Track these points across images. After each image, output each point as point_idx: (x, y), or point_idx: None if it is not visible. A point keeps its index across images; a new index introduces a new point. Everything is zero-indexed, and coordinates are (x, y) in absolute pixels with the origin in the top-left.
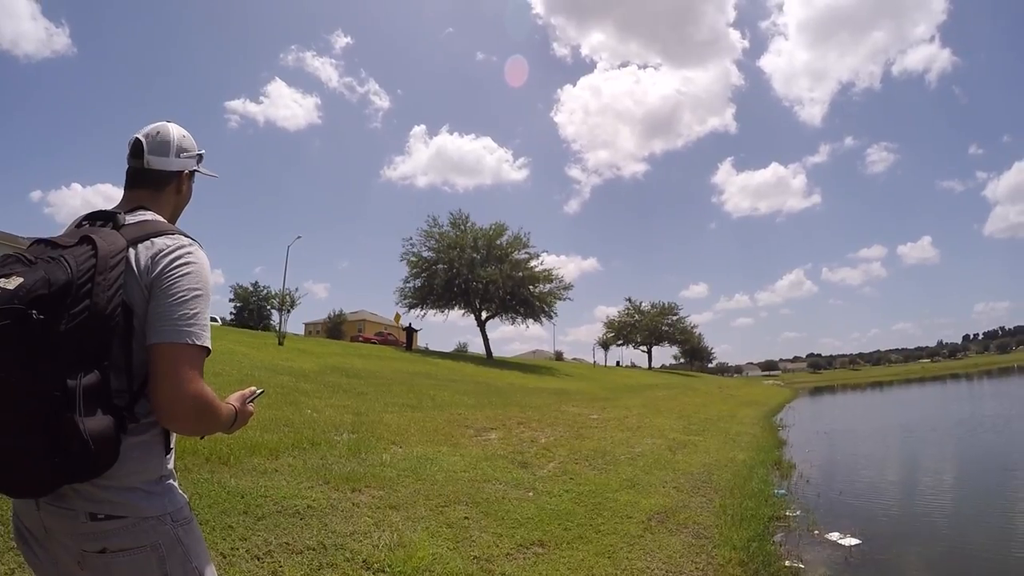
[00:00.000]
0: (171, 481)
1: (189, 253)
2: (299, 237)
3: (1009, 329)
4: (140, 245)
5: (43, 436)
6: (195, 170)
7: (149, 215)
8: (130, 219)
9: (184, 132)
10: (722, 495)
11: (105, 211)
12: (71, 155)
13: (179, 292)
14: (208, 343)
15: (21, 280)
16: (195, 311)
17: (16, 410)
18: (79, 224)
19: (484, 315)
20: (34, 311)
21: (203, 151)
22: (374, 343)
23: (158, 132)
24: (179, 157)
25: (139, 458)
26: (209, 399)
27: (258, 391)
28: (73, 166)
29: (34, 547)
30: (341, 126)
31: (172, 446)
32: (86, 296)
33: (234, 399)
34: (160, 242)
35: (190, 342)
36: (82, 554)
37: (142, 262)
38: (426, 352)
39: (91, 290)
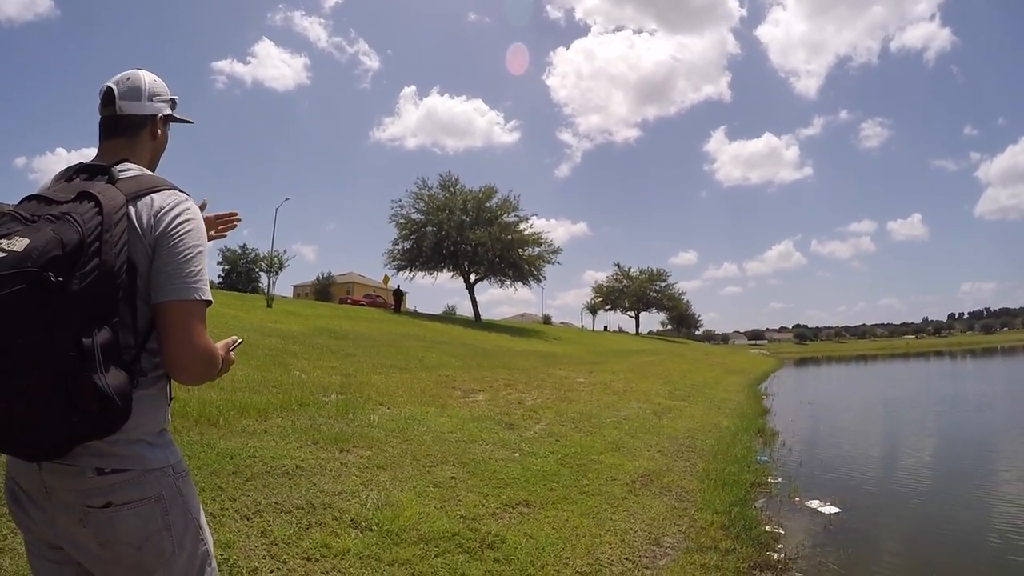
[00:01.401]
0: (169, 434)
1: (188, 210)
2: (287, 199)
3: (994, 310)
4: (139, 202)
5: (61, 397)
6: (170, 115)
7: (136, 169)
8: (123, 173)
9: (155, 77)
10: (705, 460)
11: (96, 164)
12: (55, 120)
13: (184, 250)
14: (210, 296)
15: (27, 240)
16: (199, 267)
17: (35, 374)
18: (69, 178)
19: (473, 278)
20: (51, 273)
21: (176, 96)
22: (362, 305)
23: (128, 78)
24: (152, 101)
25: (146, 411)
26: (215, 350)
27: (238, 340)
28: (58, 131)
29: (29, 509)
30: (330, 87)
31: (171, 397)
32: (95, 255)
33: (219, 347)
34: (160, 199)
35: (197, 298)
36: (85, 511)
37: (144, 220)
38: (414, 314)
39: (99, 248)
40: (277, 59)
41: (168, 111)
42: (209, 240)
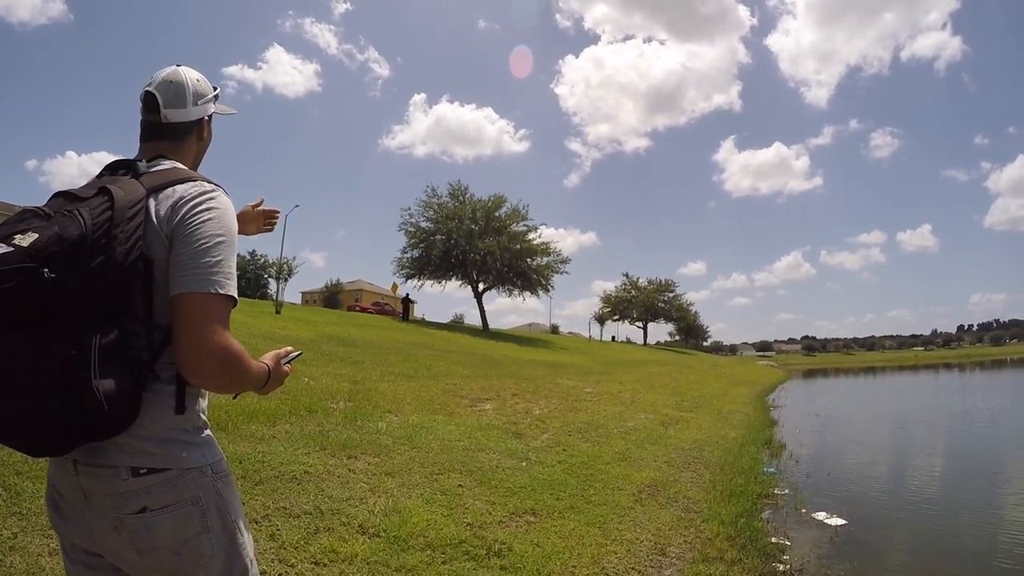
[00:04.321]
0: (209, 432)
1: (212, 198)
2: (297, 206)
3: (1004, 322)
4: (160, 194)
5: (60, 396)
6: (213, 112)
7: (168, 163)
8: (150, 168)
9: (198, 75)
10: (712, 471)
11: (126, 160)
12: (66, 123)
13: (201, 239)
14: (234, 292)
15: (36, 236)
16: (219, 258)
17: (32, 371)
18: (101, 175)
19: (481, 287)
20: (46, 269)
21: (218, 89)
22: (371, 313)
23: (171, 81)
24: (197, 105)
25: (174, 407)
26: (236, 352)
27: (295, 352)
28: (68, 134)
29: (67, 515)
30: (340, 94)
31: (204, 395)
32: (102, 251)
33: (268, 358)
34: (181, 189)
35: (214, 291)
36: (120, 517)
37: (162, 211)
38: (422, 322)
39: (107, 244)
40: (288, 65)
41: (213, 109)
42: (255, 234)
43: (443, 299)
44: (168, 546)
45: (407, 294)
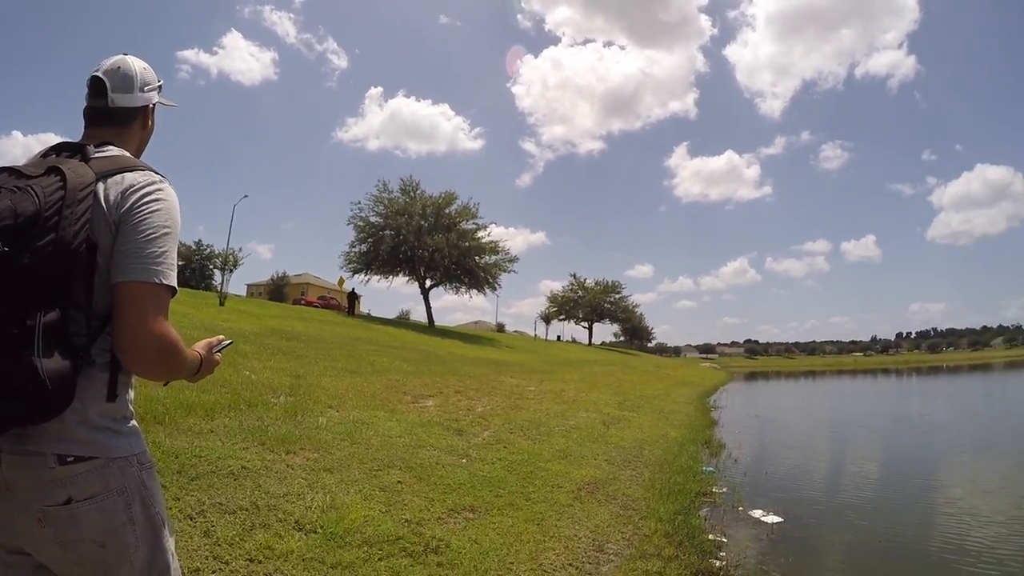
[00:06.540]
0: (135, 423)
1: (159, 190)
2: (246, 196)
3: (941, 331)
4: (109, 180)
5: None
6: (157, 102)
7: (116, 150)
8: (98, 153)
9: (144, 64)
10: (652, 469)
11: (73, 143)
12: (11, 103)
13: (148, 229)
14: (175, 283)
15: None
16: (164, 249)
17: None
18: (45, 155)
19: (428, 283)
20: None
21: (162, 81)
22: (316, 307)
23: (119, 68)
24: (143, 92)
25: (104, 395)
26: (173, 340)
27: (226, 341)
28: (13, 114)
29: None
30: (297, 84)
31: (134, 385)
32: (52, 229)
33: (200, 347)
34: (131, 177)
35: (157, 281)
36: (44, 509)
37: (111, 197)
38: (368, 318)
39: (58, 223)
40: (245, 52)
41: (157, 99)
42: None
43: (390, 295)
44: (93, 538)
45: (352, 288)
